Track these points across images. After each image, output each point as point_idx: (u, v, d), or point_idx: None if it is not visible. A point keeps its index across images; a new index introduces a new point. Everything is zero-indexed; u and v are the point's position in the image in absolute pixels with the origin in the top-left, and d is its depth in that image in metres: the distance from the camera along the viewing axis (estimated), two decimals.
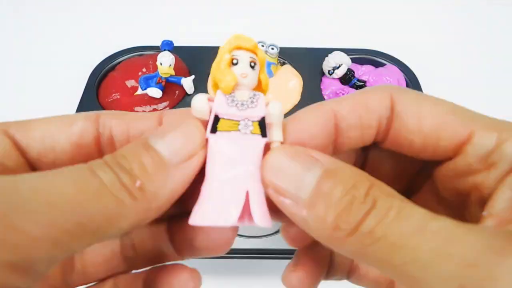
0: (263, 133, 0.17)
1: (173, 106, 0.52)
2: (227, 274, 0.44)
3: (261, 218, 0.16)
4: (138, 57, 0.57)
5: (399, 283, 0.15)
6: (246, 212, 0.16)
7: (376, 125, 0.18)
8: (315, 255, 0.21)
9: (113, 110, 0.20)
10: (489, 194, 0.16)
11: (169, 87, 0.52)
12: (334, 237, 0.15)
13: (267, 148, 0.17)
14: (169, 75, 0.51)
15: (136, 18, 0.74)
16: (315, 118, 0.18)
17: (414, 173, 0.21)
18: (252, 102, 0.17)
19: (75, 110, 0.50)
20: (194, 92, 0.54)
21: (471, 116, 0.18)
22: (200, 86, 0.54)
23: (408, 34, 0.72)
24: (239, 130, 0.17)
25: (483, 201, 0.16)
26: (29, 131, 0.18)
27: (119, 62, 0.57)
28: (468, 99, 0.62)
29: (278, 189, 0.16)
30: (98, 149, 0.19)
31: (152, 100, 0.51)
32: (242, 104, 0.17)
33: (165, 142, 0.16)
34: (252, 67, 0.17)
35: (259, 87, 0.18)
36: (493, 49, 0.70)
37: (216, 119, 0.17)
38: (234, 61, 0.17)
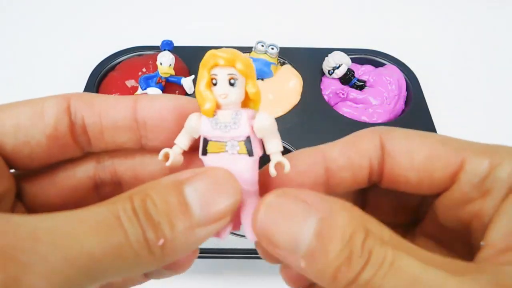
0: (250, 153, 0.17)
1: None
2: (227, 274, 0.44)
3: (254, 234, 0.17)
4: (138, 57, 0.57)
5: None
6: (237, 223, 0.17)
7: (368, 166, 0.18)
8: None
9: (83, 93, 0.19)
10: (489, 222, 0.16)
11: (169, 87, 0.52)
12: (333, 286, 0.15)
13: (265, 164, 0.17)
14: (169, 75, 0.51)
15: (136, 18, 0.74)
16: (302, 156, 0.18)
17: (416, 205, 0.21)
18: (234, 123, 0.17)
19: None
20: (194, 92, 0.54)
21: (461, 144, 0.17)
22: None
23: (408, 34, 0.72)
24: (226, 151, 0.17)
25: (484, 229, 0.16)
26: None
27: (119, 62, 0.57)
28: (468, 99, 0.63)
29: (273, 243, 0.15)
30: (73, 137, 0.18)
31: None
32: (226, 126, 0.17)
33: (200, 198, 0.15)
34: (232, 84, 0.17)
35: (247, 99, 0.17)
36: (493, 50, 0.70)
37: (205, 141, 0.17)
38: (214, 81, 0.17)
